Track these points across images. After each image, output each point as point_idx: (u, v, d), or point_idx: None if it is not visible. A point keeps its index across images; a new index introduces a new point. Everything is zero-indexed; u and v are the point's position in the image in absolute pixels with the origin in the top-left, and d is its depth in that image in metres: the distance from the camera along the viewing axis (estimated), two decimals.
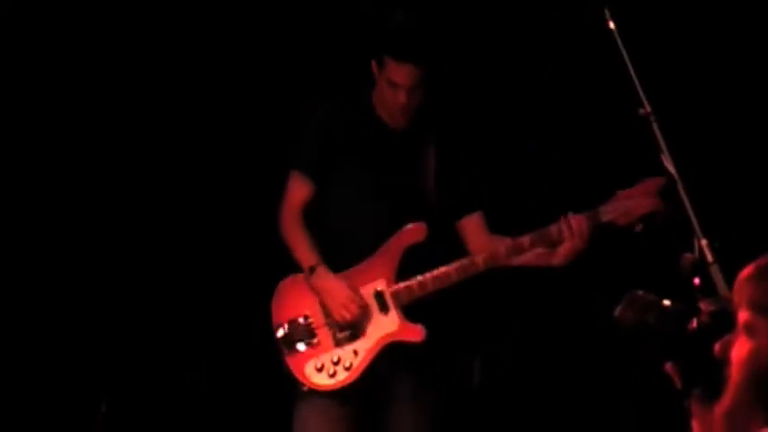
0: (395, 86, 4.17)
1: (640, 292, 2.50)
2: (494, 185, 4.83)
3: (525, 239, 4.15)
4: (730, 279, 2.43)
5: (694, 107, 4.91)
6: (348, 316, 4.21)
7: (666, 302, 2.49)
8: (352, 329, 4.24)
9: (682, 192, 3.33)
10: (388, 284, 4.23)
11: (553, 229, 4.12)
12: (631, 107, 3.46)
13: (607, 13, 3.53)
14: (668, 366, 2.48)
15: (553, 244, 4.14)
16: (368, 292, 4.25)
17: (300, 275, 4.30)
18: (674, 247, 3.18)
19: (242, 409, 5.41)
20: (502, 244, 4.18)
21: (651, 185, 3.96)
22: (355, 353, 4.23)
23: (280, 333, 4.28)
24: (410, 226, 4.24)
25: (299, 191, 4.36)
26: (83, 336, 5.32)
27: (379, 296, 4.24)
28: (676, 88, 4.73)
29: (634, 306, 2.48)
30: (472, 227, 4.37)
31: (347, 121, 4.32)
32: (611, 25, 3.53)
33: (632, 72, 3.48)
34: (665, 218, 3.93)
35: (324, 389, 4.25)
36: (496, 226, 4.37)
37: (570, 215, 4.10)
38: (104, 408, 5.31)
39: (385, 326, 4.24)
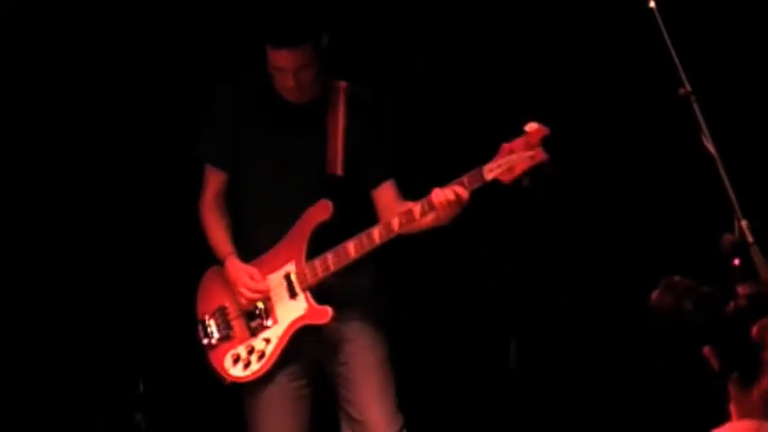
0: (280, 70, 4.10)
1: (677, 278, 2.47)
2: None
3: (416, 208, 3.99)
4: None
5: (734, 86, 4.86)
6: (245, 301, 4.16)
7: (704, 287, 2.46)
8: (262, 317, 4.16)
9: (722, 172, 3.28)
10: (298, 267, 4.14)
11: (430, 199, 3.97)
12: (672, 87, 3.42)
13: None
14: (706, 350, 2.45)
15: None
16: (279, 276, 4.16)
17: (219, 267, 4.28)
18: (713, 227, 3.14)
19: None
20: (396, 215, 4.03)
21: (534, 136, 3.79)
22: (267, 341, 4.15)
23: (200, 327, 4.26)
24: (315, 205, 4.14)
25: (212, 182, 4.33)
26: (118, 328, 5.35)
27: (288, 280, 4.15)
28: (716, 67, 4.68)
29: (671, 291, 2.45)
30: (382, 197, 4.22)
31: (248, 103, 4.25)
32: (652, 3, 3.49)
33: (673, 51, 3.43)
34: (552, 169, 3.76)
35: (241, 380, 4.19)
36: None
37: (435, 189, 3.93)
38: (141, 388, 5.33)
39: (293, 310, 4.14)
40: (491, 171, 3.84)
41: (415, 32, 5.27)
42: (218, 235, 4.28)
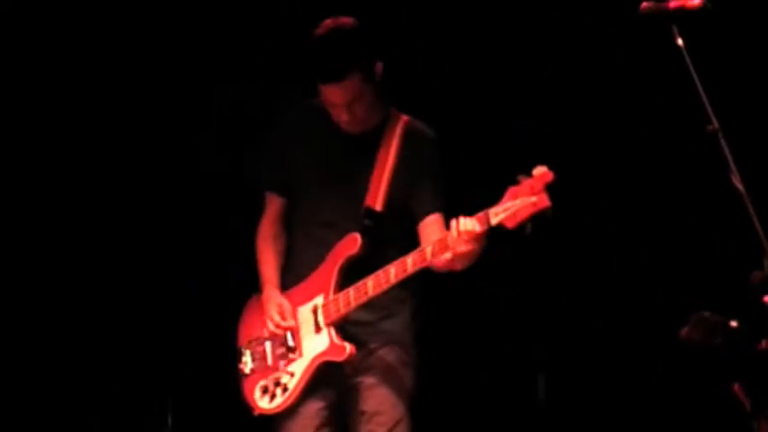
0: (332, 106, 4.06)
1: (707, 313, 2.49)
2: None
3: (428, 248, 3.91)
4: None
5: (762, 123, 4.86)
6: (270, 332, 4.14)
7: (733, 323, 2.47)
8: (291, 349, 4.14)
9: (750, 208, 3.30)
10: (325, 300, 4.10)
11: (443, 238, 3.90)
12: (700, 124, 3.43)
13: (675, 30, 3.51)
14: (736, 388, 2.46)
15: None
16: (308, 309, 4.13)
17: (260, 295, 4.28)
18: (743, 264, 3.15)
19: None
20: (410, 255, 3.96)
21: (539, 181, 3.71)
22: (291, 374, 4.13)
23: (239, 355, 4.26)
24: (344, 239, 4.09)
25: (270, 208, 4.32)
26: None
27: (315, 313, 4.11)
28: (744, 104, 4.69)
29: (701, 327, 2.47)
30: (425, 230, 4.13)
31: (304, 128, 4.21)
32: (680, 42, 3.51)
33: (700, 88, 3.45)
34: (552, 215, 3.69)
35: (266, 412, 4.17)
36: None
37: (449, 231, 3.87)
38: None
39: (317, 344, 4.09)
40: (496, 215, 3.78)
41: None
42: (264, 262, 4.27)
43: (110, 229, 5.44)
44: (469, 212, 3.87)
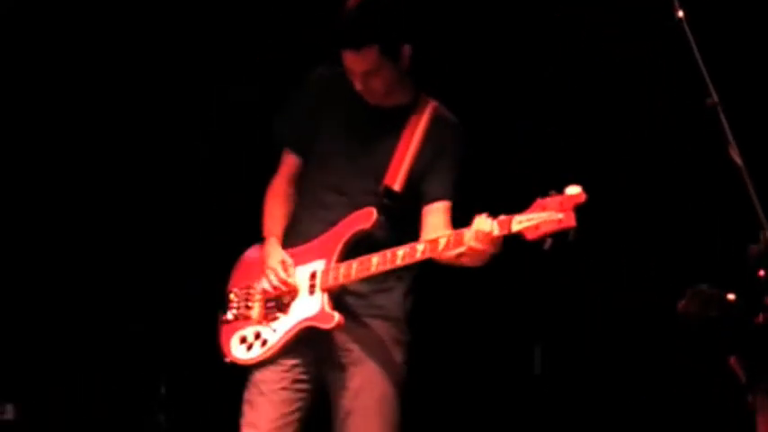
0: (350, 73, 4.05)
1: (704, 287, 2.49)
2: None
3: (443, 239, 3.88)
4: None
5: (761, 97, 4.86)
6: (268, 287, 4.10)
7: (730, 296, 2.47)
8: (279, 305, 4.12)
9: (748, 182, 3.29)
10: (326, 266, 4.07)
11: (460, 233, 3.87)
12: (699, 97, 3.43)
13: (675, 2, 3.50)
14: (732, 361, 2.46)
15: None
16: (307, 271, 4.10)
17: (260, 246, 4.25)
18: (740, 238, 3.15)
19: None
20: (423, 242, 3.94)
21: (570, 200, 3.68)
22: (274, 330, 4.11)
23: (226, 300, 4.23)
24: (360, 211, 4.06)
25: (285, 166, 4.30)
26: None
27: (312, 277, 4.08)
28: (744, 78, 4.68)
29: (697, 300, 2.47)
30: (431, 216, 4.10)
31: (333, 94, 4.19)
32: (680, 14, 3.50)
33: (700, 62, 3.44)
34: (575, 238, 3.65)
35: (239, 363, 4.15)
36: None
37: (467, 228, 3.84)
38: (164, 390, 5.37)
39: (307, 308, 4.06)
40: (520, 222, 3.74)
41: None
42: (272, 216, 4.25)
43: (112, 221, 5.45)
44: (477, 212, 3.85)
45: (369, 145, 4.15)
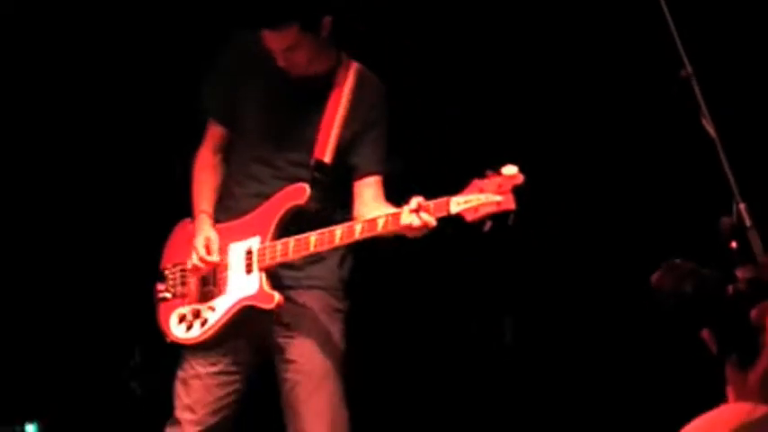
0: (271, 51, 4.02)
1: (678, 261, 2.49)
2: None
3: (381, 221, 3.86)
4: None
5: (735, 68, 4.86)
6: (192, 267, 4.09)
7: (704, 270, 2.48)
8: (216, 284, 4.09)
9: (722, 154, 3.29)
10: (261, 244, 4.05)
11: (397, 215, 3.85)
12: (673, 68, 3.42)
13: None
14: (704, 333, 2.47)
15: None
16: (242, 248, 4.07)
17: (191, 221, 4.22)
18: (712, 210, 3.16)
19: None
20: (360, 221, 3.93)
21: (508, 181, 3.65)
22: (212, 309, 4.09)
23: (160, 278, 4.20)
24: (292, 187, 4.05)
25: (211, 137, 4.26)
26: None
27: (248, 254, 4.06)
28: (718, 49, 4.68)
29: (671, 274, 2.47)
30: (363, 191, 4.10)
31: (254, 64, 4.14)
32: None
33: (674, 32, 3.44)
34: (516, 220, 3.64)
35: (179, 342, 4.14)
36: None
37: (403, 208, 3.81)
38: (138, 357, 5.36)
39: (245, 287, 4.04)
40: (458, 204, 3.71)
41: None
42: (200, 191, 4.21)
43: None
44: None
45: (295, 115, 4.11)
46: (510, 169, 3.65)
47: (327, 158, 4.08)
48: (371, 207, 4.03)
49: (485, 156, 3.84)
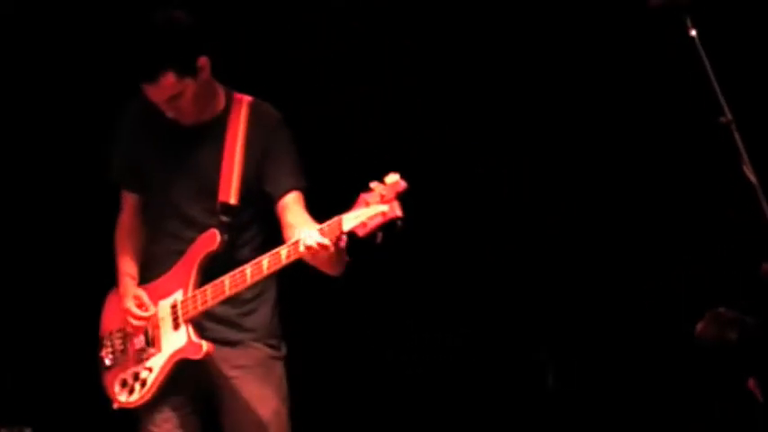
0: (157, 104, 4.04)
1: (722, 309, 2.50)
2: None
3: (283, 251, 3.86)
4: None
5: None
6: (129, 328, 4.15)
7: (748, 318, 2.48)
8: (150, 344, 4.14)
9: (762, 200, 3.30)
10: (183, 296, 4.08)
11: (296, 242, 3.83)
12: (713, 115, 3.44)
13: (689, 20, 3.51)
14: (750, 382, 2.47)
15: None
16: (167, 305, 4.11)
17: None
18: (755, 257, 3.15)
19: None
20: (266, 256, 3.90)
21: (391, 189, 3.63)
22: (150, 369, 4.13)
23: (100, 347, 4.27)
24: (203, 234, 4.07)
25: (125, 204, 4.32)
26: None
27: (174, 309, 4.10)
28: (758, 96, 4.68)
29: (715, 323, 2.48)
30: (284, 212, 4.07)
31: (149, 122, 4.16)
32: (693, 33, 3.51)
33: (713, 80, 3.45)
34: (403, 227, 3.61)
35: (125, 406, 4.18)
36: None
37: (302, 234, 3.80)
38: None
39: (175, 341, 4.08)
40: (348, 221, 3.71)
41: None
42: (122, 256, 4.27)
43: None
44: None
45: (196, 163, 4.13)
46: (392, 177, 3.65)
47: (233, 200, 4.08)
48: (297, 225, 3.98)
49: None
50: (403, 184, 3.63)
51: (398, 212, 3.60)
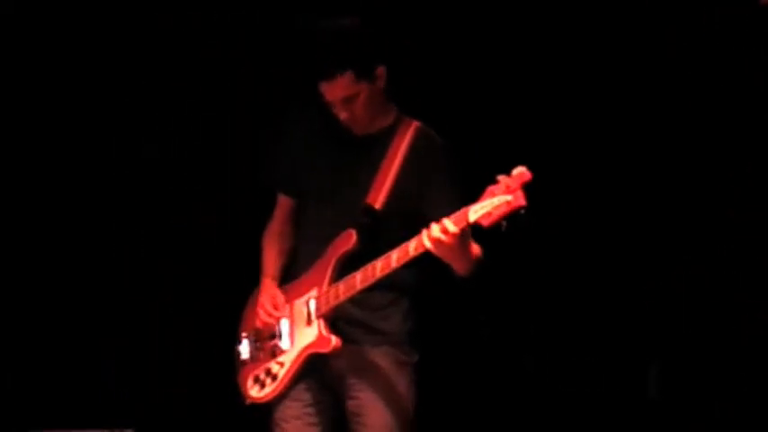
0: (332, 105, 4.18)
1: None
2: None
3: (411, 243, 3.96)
4: None
5: None
6: (260, 324, 4.34)
7: None
8: (281, 339, 4.31)
9: None
10: (318, 294, 4.23)
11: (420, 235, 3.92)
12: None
13: None
14: None
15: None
16: (302, 302, 4.27)
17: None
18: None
19: None
20: (396, 250, 4.00)
21: (516, 180, 3.71)
22: (281, 364, 4.30)
23: (238, 344, 4.46)
24: (341, 234, 4.21)
25: (279, 209, 4.50)
26: None
27: (308, 306, 4.25)
28: None
29: None
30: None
31: (314, 127, 4.34)
32: None
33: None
34: (525, 215, 3.69)
35: (256, 401, 4.36)
36: None
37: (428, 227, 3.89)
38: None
39: (307, 336, 4.24)
40: (475, 212, 3.81)
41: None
42: (266, 257, 4.49)
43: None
44: None
45: (355, 174, 4.27)
46: (518, 169, 3.75)
47: (378, 204, 4.22)
48: None
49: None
50: (528, 175, 3.73)
51: (522, 201, 3.72)
